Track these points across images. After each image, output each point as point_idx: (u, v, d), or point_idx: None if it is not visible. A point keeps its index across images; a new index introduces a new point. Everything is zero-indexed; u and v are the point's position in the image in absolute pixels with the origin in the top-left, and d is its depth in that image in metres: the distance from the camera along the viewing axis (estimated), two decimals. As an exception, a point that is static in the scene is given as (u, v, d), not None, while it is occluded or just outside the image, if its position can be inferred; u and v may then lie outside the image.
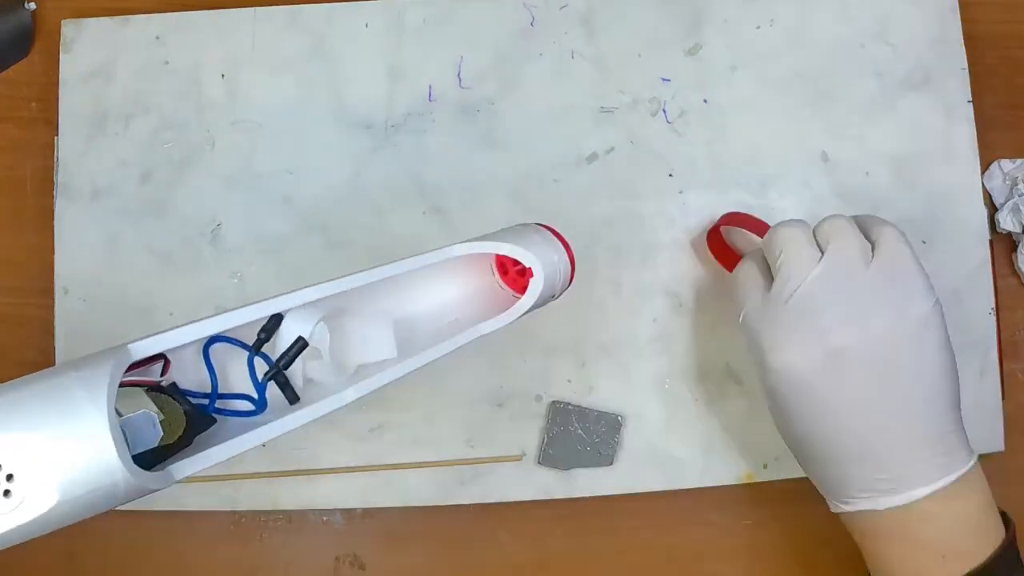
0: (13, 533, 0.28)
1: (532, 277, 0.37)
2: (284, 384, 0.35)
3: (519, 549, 0.53)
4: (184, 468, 0.31)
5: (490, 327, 0.38)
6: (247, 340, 0.35)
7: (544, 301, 0.39)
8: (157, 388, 0.33)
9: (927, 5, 0.54)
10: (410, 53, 0.54)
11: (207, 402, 0.34)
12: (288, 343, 0.35)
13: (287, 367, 0.35)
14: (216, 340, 0.34)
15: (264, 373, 0.35)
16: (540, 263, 0.37)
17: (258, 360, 0.35)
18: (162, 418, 0.32)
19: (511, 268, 0.40)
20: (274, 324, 0.35)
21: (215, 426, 0.34)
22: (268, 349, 0.35)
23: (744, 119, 0.53)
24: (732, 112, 0.53)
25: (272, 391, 0.35)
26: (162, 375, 0.33)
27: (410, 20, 0.54)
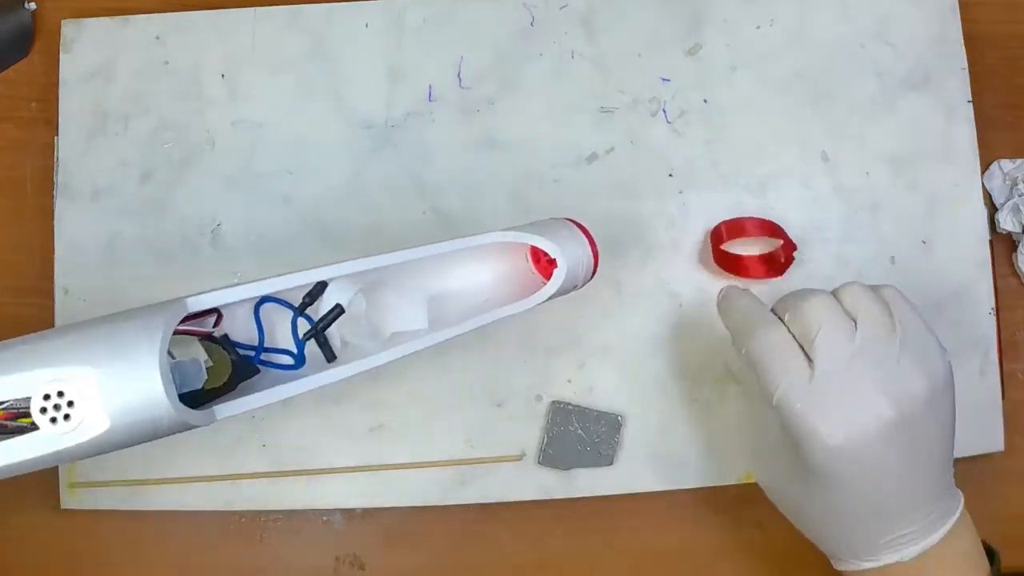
0: (71, 451, 0.32)
1: (556, 268, 0.41)
2: (323, 344, 0.40)
3: (519, 549, 0.53)
4: (225, 410, 0.35)
5: (515, 309, 0.41)
6: (294, 303, 0.40)
7: (568, 289, 0.42)
8: (210, 338, 0.38)
9: (927, 5, 0.54)
10: (410, 53, 0.54)
11: (253, 354, 0.39)
12: (329, 308, 0.40)
13: (324, 329, 0.40)
14: (266, 300, 0.39)
15: (304, 332, 0.40)
16: (564, 255, 0.41)
17: (301, 321, 0.40)
18: (210, 364, 0.37)
19: (543, 258, 0.43)
20: (319, 290, 0.40)
21: (258, 376, 0.39)
22: (311, 312, 0.40)
23: (744, 119, 0.53)
24: (732, 112, 0.53)
25: (313, 351, 0.40)
26: (214, 326, 0.38)
27: (410, 20, 0.54)
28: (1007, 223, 0.54)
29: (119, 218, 0.52)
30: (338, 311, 0.40)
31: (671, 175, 0.53)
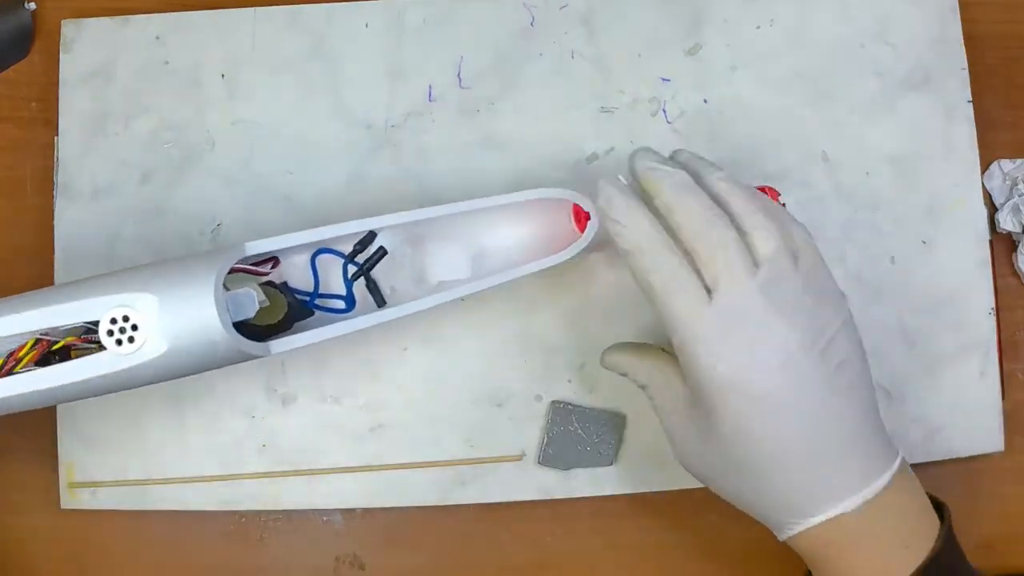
0: (133, 371, 0.36)
1: (589, 220, 0.44)
2: (373, 288, 0.44)
3: (519, 549, 0.53)
4: (281, 344, 0.40)
5: (552, 261, 0.44)
6: (348, 253, 0.44)
7: (606, 243, 0.43)
8: (269, 283, 0.42)
9: (927, 5, 0.54)
10: (410, 53, 0.54)
11: (308, 298, 0.43)
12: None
13: (370, 269, 0.44)
14: (321, 252, 0.44)
15: (352, 274, 0.44)
16: (597, 211, 0.43)
17: (351, 267, 0.44)
18: (267, 304, 0.40)
19: (584, 218, 0.44)
20: (368, 239, 0.44)
21: (312, 318, 0.43)
22: (361, 260, 0.44)
23: (744, 119, 0.53)
24: (732, 112, 0.53)
25: (365, 299, 0.44)
26: (272, 268, 0.42)
27: (410, 20, 0.54)
28: (1007, 223, 0.54)
29: (119, 218, 0.52)
30: (381, 252, 0.44)
31: (671, 175, 0.53)
